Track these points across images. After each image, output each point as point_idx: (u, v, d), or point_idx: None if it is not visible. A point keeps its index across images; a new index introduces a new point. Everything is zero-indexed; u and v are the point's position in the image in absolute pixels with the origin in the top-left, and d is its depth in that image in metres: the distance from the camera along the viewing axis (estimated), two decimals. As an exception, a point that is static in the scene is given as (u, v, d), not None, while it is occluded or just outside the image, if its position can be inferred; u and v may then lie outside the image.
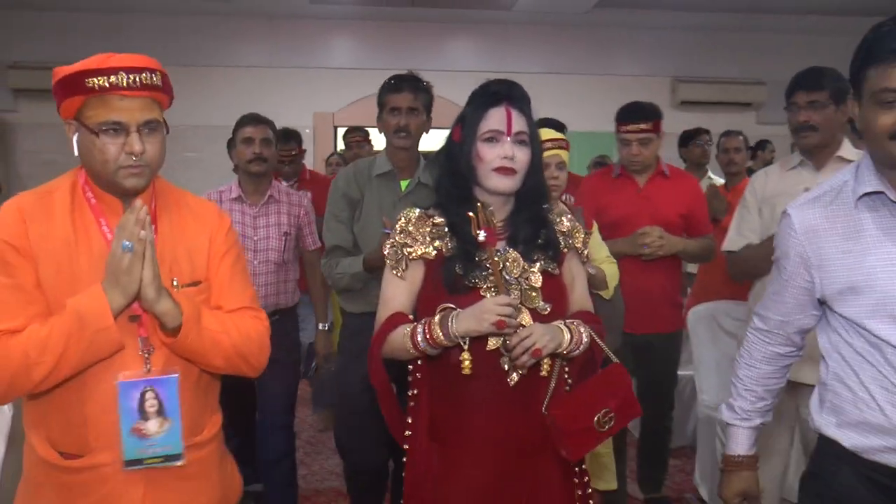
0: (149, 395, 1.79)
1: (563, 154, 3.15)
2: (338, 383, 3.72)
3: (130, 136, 1.75)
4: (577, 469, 2.17)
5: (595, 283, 2.99)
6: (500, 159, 2.05)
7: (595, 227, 3.26)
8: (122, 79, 1.72)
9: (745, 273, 3.30)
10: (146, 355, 1.80)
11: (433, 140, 3.20)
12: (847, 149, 3.08)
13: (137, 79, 1.74)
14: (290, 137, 5.40)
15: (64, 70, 1.76)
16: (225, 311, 1.94)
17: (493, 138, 2.06)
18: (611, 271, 3.12)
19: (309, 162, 6.76)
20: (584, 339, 2.07)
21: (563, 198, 4.33)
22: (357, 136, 5.95)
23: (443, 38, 8.21)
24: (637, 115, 3.70)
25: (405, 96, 3.40)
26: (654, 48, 8.53)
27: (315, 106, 7.96)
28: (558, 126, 3.76)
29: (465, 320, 1.95)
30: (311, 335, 4.30)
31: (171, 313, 1.75)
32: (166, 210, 1.94)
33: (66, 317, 1.69)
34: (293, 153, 5.32)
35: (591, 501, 2.20)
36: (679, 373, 4.02)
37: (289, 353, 3.90)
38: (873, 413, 1.78)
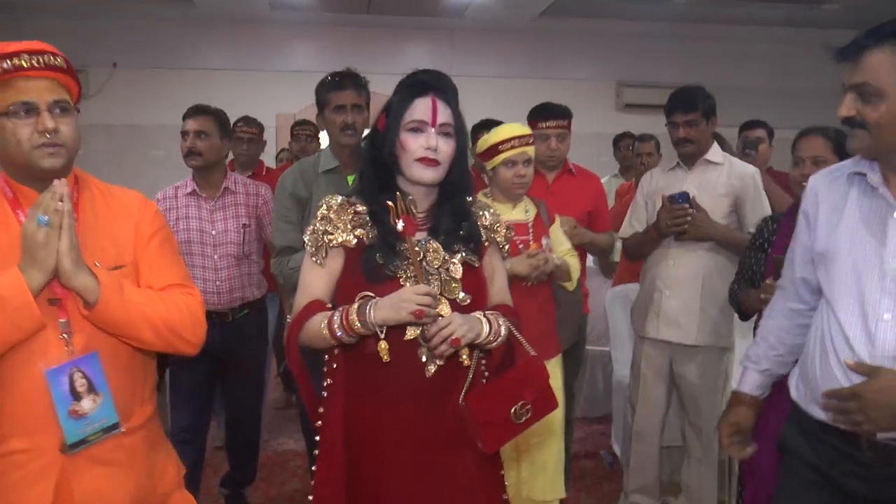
0: (76, 375, 1.80)
1: (531, 151, 3.22)
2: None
3: (42, 114, 1.77)
4: (490, 462, 2.18)
5: (559, 274, 3.15)
6: (423, 150, 2.04)
7: (557, 220, 3.38)
8: (24, 60, 1.75)
9: (635, 255, 3.88)
10: (66, 338, 1.80)
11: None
12: (714, 152, 3.68)
13: (40, 59, 1.77)
14: (252, 122, 5.36)
15: None
16: (155, 290, 1.95)
17: (417, 129, 2.05)
18: (574, 263, 3.27)
19: (271, 161, 6.99)
20: (503, 331, 2.08)
21: None
22: (307, 129, 5.83)
23: (398, 43, 8.52)
24: (555, 112, 3.85)
25: (349, 94, 3.39)
26: (599, 54, 8.93)
27: (277, 108, 8.24)
28: (565, 112, 3.87)
29: (384, 309, 1.93)
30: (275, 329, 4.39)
31: (90, 286, 1.75)
32: (90, 199, 1.95)
33: None
34: (253, 132, 5.25)
35: (504, 495, 2.22)
36: (599, 348, 4.52)
37: (258, 348, 3.97)
38: (809, 366, 1.98)
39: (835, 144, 2.96)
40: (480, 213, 2.23)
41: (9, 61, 1.73)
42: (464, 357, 2.04)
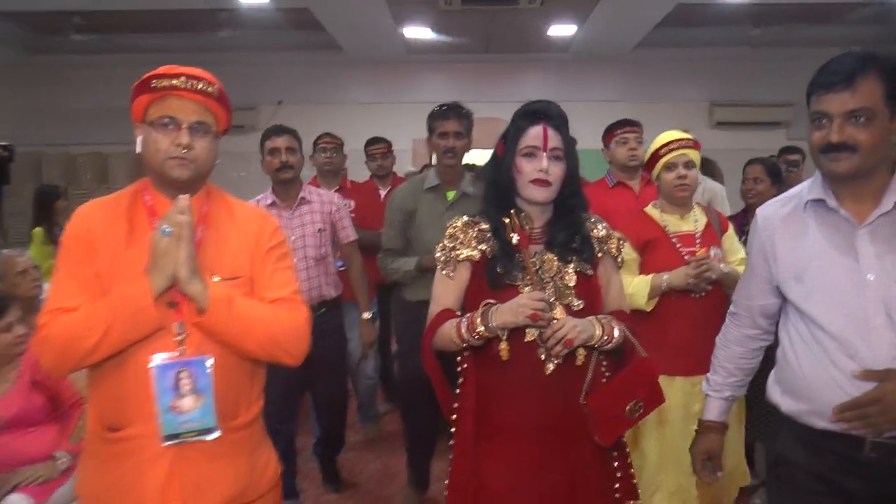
0: (183, 374, 1.94)
1: (692, 154, 3.31)
2: (399, 368, 4.30)
3: (181, 130, 1.97)
4: (615, 453, 2.36)
5: (727, 282, 3.15)
6: (536, 172, 2.28)
7: (730, 229, 3.47)
8: (180, 81, 1.97)
9: None
10: (181, 339, 1.95)
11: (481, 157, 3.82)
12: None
13: (194, 84, 1.99)
14: (333, 134, 5.69)
15: (138, 81, 2.01)
16: (268, 302, 2.08)
17: (531, 153, 2.30)
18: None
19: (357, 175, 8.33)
20: (616, 334, 2.26)
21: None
22: (380, 147, 6.03)
23: (513, 75, 9.99)
24: (632, 122, 4.37)
25: (452, 122, 3.90)
26: (692, 77, 10.07)
27: (413, 134, 9.65)
28: (636, 122, 4.33)
29: (503, 313, 2.17)
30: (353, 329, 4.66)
31: (203, 294, 1.91)
32: (216, 212, 2.13)
33: (112, 297, 1.89)
34: (336, 142, 5.55)
35: (633, 481, 2.40)
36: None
37: (338, 342, 4.35)
38: (803, 384, 2.07)
39: (767, 169, 4.37)
40: (595, 226, 2.44)
41: (169, 80, 1.96)
42: (579, 357, 2.26)
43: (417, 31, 8.87)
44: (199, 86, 2.00)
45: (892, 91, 1.93)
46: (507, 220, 2.27)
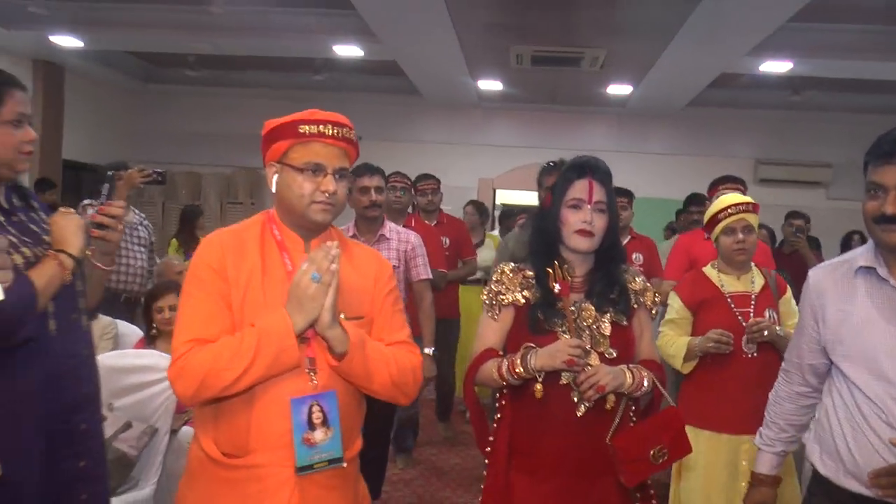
0: (315, 408, 2.00)
1: (751, 218, 3.41)
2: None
3: (327, 177, 2.02)
4: (639, 495, 2.49)
5: (781, 344, 3.16)
6: (580, 223, 2.40)
7: (788, 292, 3.53)
8: (327, 129, 2.02)
9: None
10: (312, 373, 2.02)
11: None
12: None
13: (339, 131, 2.04)
14: (428, 176, 6.22)
15: (277, 121, 2.06)
16: (385, 344, 2.14)
17: (576, 205, 2.42)
18: None
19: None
20: (646, 384, 2.40)
21: (633, 257, 5.17)
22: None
23: (576, 126, 10.99)
24: (734, 178, 4.55)
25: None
26: (739, 135, 10.88)
27: (479, 173, 10.90)
28: (742, 182, 4.44)
29: (542, 357, 2.31)
30: None
31: (340, 338, 1.96)
32: (343, 250, 2.11)
33: (256, 333, 1.92)
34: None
35: None
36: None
37: None
38: (840, 444, 2.11)
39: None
40: (632, 279, 2.57)
41: (316, 127, 2.01)
42: (609, 402, 2.38)
43: (490, 84, 9.98)
44: (345, 133, 2.06)
45: None
46: (550, 270, 2.41)
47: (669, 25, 6.95)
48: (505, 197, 11.62)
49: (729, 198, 3.47)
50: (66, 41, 8.60)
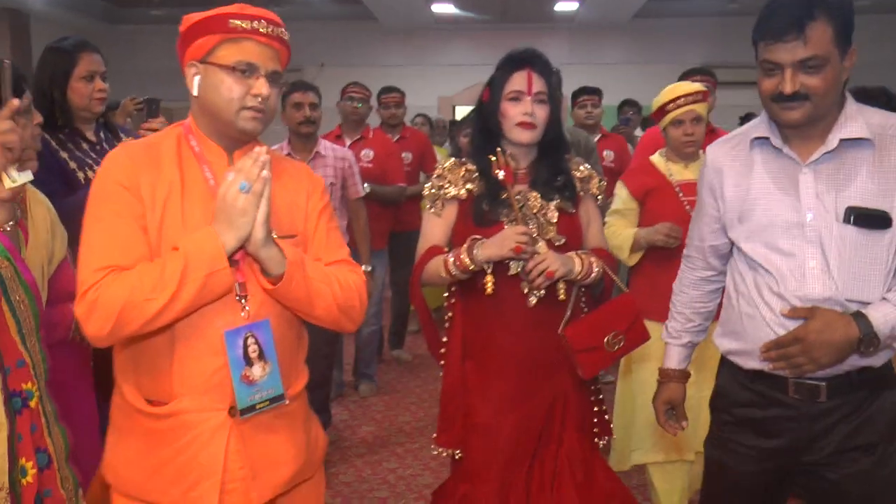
0: (250, 340, 1.80)
1: (699, 108, 3.28)
2: None
3: (259, 79, 1.79)
4: (593, 388, 2.51)
5: None
6: (521, 115, 2.38)
7: None
8: (261, 25, 1.79)
9: None
10: (242, 300, 1.80)
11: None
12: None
13: (274, 29, 1.82)
14: (392, 89, 6.04)
15: (201, 14, 1.80)
16: (323, 265, 1.95)
17: (516, 98, 2.39)
18: None
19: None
20: (595, 269, 2.39)
21: (604, 154, 5.05)
22: (393, 96, 6.08)
23: (528, 41, 10.43)
24: (589, 90, 5.28)
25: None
26: (686, 42, 11.50)
27: (439, 92, 11.51)
28: (710, 73, 4.10)
29: (489, 247, 2.31)
30: None
31: (277, 258, 1.75)
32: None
33: (181, 256, 1.67)
34: (396, 98, 5.86)
35: (605, 416, 2.54)
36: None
37: None
38: (738, 323, 2.11)
39: None
40: (576, 166, 2.55)
41: (250, 22, 1.78)
42: (560, 291, 2.38)
43: (443, 7, 10.60)
44: (279, 32, 1.84)
45: (841, 31, 1.88)
46: (493, 158, 2.38)
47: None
48: (465, 113, 12.01)
49: (677, 88, 3.36)
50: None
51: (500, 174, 2.37)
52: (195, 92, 1.84)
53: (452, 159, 2.54)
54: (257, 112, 1.83)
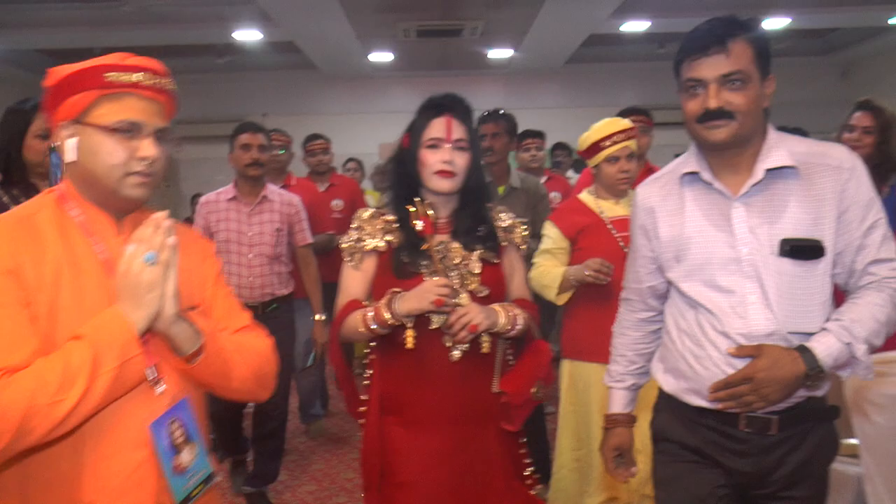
0: (175, 425, 1.65)
1: (632, 144, 3.30)
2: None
3: (144, 139, 1.62)
4: (524, 440, 2.49)
5: None
6: (440, 163, 2.32)
7: None
8: (145, 77, 1.63)
9: None
10: (157, 384, 1.64)
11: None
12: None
13: (159, 81, 1.66)
14: (317, 136, 6.05)
15: (72, 67, 1.62)
16: (230, 333, 1.82)
17: (434, 145, 2.34)
18: None
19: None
20: (519, 322, 2.35)
21: (552, 195, 4.96)
22: (319, 143, 6.07)
23: (465, 88, 11.01)
24: (532, 133, 5.34)
25: (489, 126, 4.26)
26: (619, 86, 11.92)
27: (380, 139, 11.40)
28: (646, 113, 4.36)
29: (409, 300, 2.24)
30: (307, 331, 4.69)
31: (188, 334, 1.61)
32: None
33: (86, 346, 1.47)
34: (284, 139, 5.53)
35: (530, 469, 2.49)
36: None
37: (286, 341, 4.25)
38: (682, 362, 2.10)
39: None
40: (500, 216, 2.51)
41: (130, 75, 1.61)
42: (484, 344, 2.34)
43: (382, 56, 10.93)
44: (165, 83, 1.68)
45: (760, 55, 1.93)
46: (411, 209, 2.33)
47: (535, -2, 7.94)
48: None
49: (610, 125, 3.33)
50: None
51: (420, 224, 2.35)
52: (71, 157, 1.66)
53: (371, 210, 2.51)
54: (144, 177, 1.66)
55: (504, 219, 2.54)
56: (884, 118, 3.79)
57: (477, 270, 2.40)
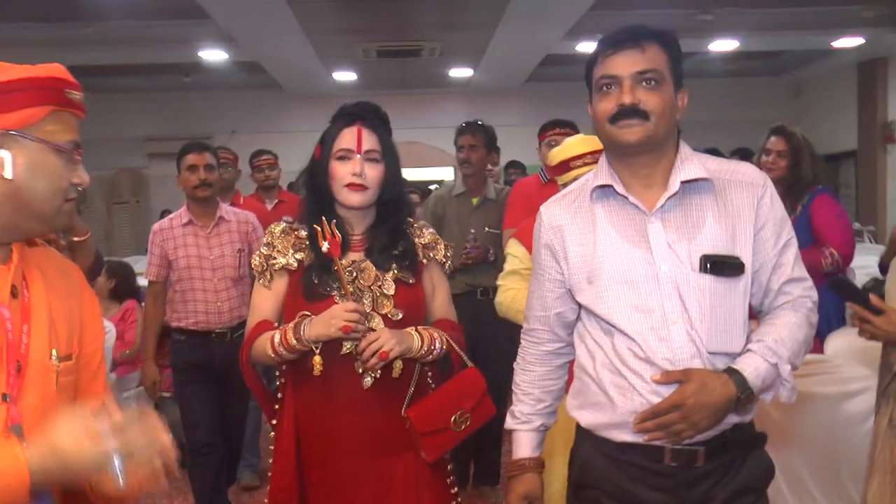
0: None
1: None
2: None
3: (80, 164, 1.50)
4: (449, 468, 2.38)
5: None
6: (350, 176, 2.23)
7: None
8: (82, 97, 1.50)
9: None
10: None
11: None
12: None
13: (82, 99, 1.51)
14: (264, 151, 5.97)
15: (23, 72, 1.42)
16: (97, 395, 1.56)
17: (344, 156, 2.25)
18: None
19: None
20: (438, 345, 2.25)
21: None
22: (266, 158, 5.96)
23: (427, 105, 12.43)
24: (563, 122, 4.44)
25: (467, 137, 4.46)
26: (575, 103, 12.26)
27: None
28: (571, 125, 4.31)
29: (316, 326, 2.14)
30: None
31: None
32: (37, 266, 1.53)
33: None
34: (230, 157, 5.44)
35: (459, 499, 2.39)
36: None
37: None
38: (601, 395, 1.95)
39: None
40: (420, 231, 2.42)
41: (79, 94, 1.49)
42: (395, 370, 2.25)
43: (345, 75, 11.35)
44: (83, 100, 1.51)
45: (674, 63, 1.90)
46: (317, 227, 2.22)
47: (490, 19, 8.33)
48: None
49: (583, 143, 3.10)
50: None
51: (325, 246, 2.22)
52: (8, 174, 1.41)
53: (283, 224, 2.41)
54: (72, 203, 1.53)
55: (425, 234, 2.44)
56: (795, 142, 4.21)
57: (391, 292, 2.31)
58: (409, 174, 3.26)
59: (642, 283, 1.90)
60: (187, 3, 7.39)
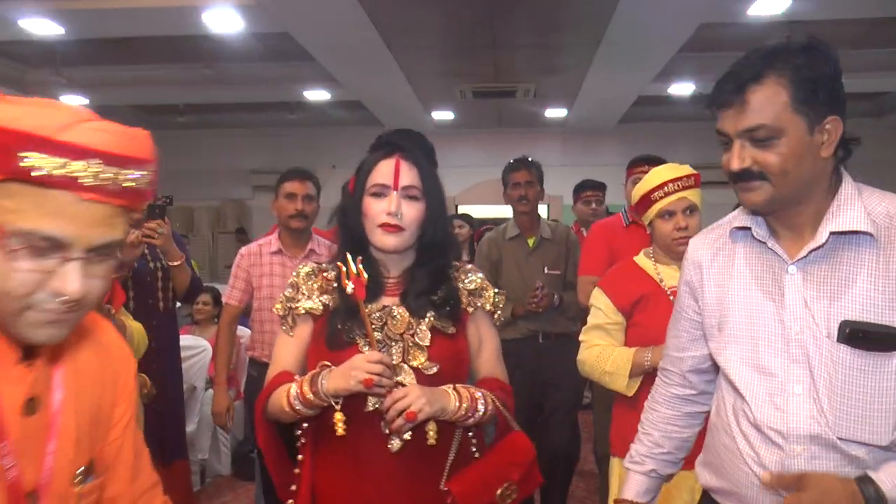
0: None
1: (692, 195, 2.71)
2: None
3: (67, 265, 1.12)
4: None
5: None
6: (384, 215, 1.96)
7: None
8: (62, 169, 1.08)
9: None
10: None
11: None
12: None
13: (118, 175, 1.19)
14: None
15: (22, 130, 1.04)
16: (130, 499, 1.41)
17: (379, 192, 1.98)
18: None
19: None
20: (480, 407, 1.95)
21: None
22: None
23: (523, 143, 12.26)
24: (651, 159, 4.06)
25: (522, 173, 4.33)
26: (668, 143, 11.95)
27: (448, 193, 12.68)
28: (658, 160, 3.74)
29: (335, 378, 1.87)
30: None
31: None
32: (70, 350, 1.28)
33: None
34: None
35: None
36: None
37: None
38: (715, 454, 1.80)
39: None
40: (465, 276, 2.13)
41: (68, 162, 1.08)
42: (430, 435, 1.92)
43: (442, 114, 11.84)
44: (125, 176, 1.17)
45: (803, 95, 1.55)
46: (341, 266, 1.97)
47: (582, 63, 8.69)
48: (467, 211, 13.13)
49: (663, 172, 2.76)
50: (75, 101, 10.07)
51: (350, 287, 1.93)
52: None
53: (311, 265, 2.18)
54: (70, 315, 1.16)
55: (471, 279, 2.15)
56: None
57: (425, 342, 2.01)
58: (502, 211, 3.39)
59: (768, 340, 1.67)
60: (295, 48, 7.94)
